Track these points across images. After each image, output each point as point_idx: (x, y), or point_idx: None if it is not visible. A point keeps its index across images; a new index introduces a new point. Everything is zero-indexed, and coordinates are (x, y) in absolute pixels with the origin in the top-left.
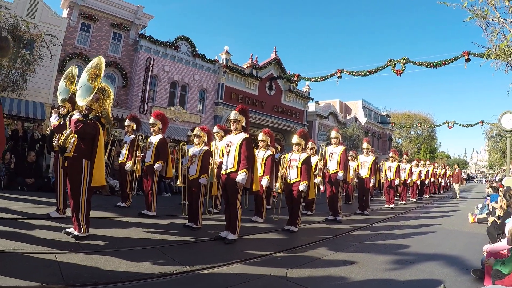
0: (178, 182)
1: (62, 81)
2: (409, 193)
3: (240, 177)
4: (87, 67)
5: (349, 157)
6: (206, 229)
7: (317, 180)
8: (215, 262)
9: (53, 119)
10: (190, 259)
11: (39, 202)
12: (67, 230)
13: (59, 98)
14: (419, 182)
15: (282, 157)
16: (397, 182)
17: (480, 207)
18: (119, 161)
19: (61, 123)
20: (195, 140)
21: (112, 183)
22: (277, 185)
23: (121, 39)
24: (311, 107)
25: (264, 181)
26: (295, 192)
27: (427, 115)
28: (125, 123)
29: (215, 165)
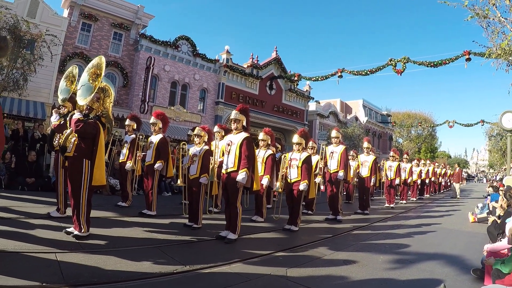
0: (179, 181)
1: (62, 80)
2: (410, 193)
3: (240, 176)
4: (88, 66)
5: (349, 157)
6: (206, 228)
7: (317, 179)
8: (215, 261)
9: (54, 118)
10: (190, 258)
11: (40, 202)
12: (68, 230)
13: (59, 97)
14: (419, 181)
15: (283, 157)
16: (397, 181)
17: (480, 206)
18: (120, 161)
19: (61, 122)
20: (196, 140)
21: (113, 182)
22: (277, 184)
23: (122, 38)
24: (312, 106)
25: (265, 181)
26: (295, 192)
27: (428, 114)
28: (125, 122)
29: (215, 165)
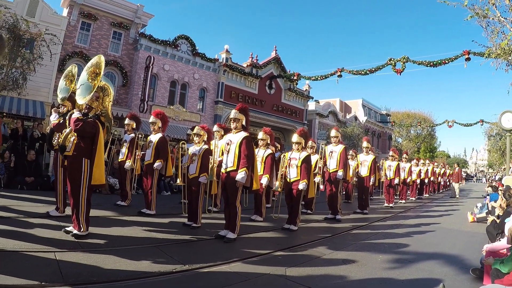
0: (178, 180)
1: (62, 80)
2: (409, 192)
3: (240, 176)
4: (87, 65)
5: (348, 156)
6: (205, 227)
7: (316, 179)
8: (214, 260)
9: (53, 117)
10: (189, 257)
11: (39, 201)
12: (67, 229)
13: (59, 96)
14: (418, 181)
15: (282, 156)
16: (396, 181)
17: (479, 206)
18: (119, 160)
19: (61, 121)
20: (195, 139)
21: (112, 181)
22: (276, 184)
23: (121, 38)
24: (311, 106)
25: (264, 180)
26: (294, 191)
27: (427, 114)
28: (125, 121)
29: (215, 164)
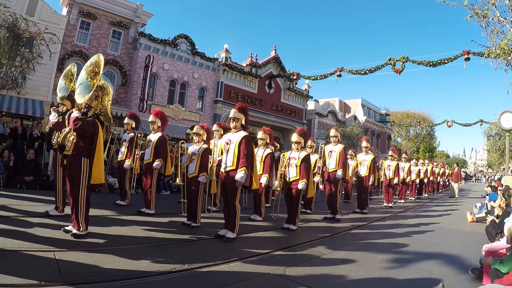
0: (177, 180)
1: (61, 79)
2: (408, 192)
3: (239, 175)
4: (86, 64)
5: (348, 156)
6: (205, 227)
7: (316, 178)
8: (214, 260)
9: (52, 117)
10: (189, 257)
11: (38, 200)
12: (66, 228)
13: (58, 96)
14: (418, 181)
15: (281, 156)
16: (396, 181)
17: (479, 206)
18: (118, 159)
19: (60, 121)
20: (195, 138)
21: (111, 181)
22: (276, 183)
23: (121, 37)
24: (311, 105)
25: (263, 180)
26: (294, 191)
27: (426, 114)
28: (124, 121)
29: (214, 163)
